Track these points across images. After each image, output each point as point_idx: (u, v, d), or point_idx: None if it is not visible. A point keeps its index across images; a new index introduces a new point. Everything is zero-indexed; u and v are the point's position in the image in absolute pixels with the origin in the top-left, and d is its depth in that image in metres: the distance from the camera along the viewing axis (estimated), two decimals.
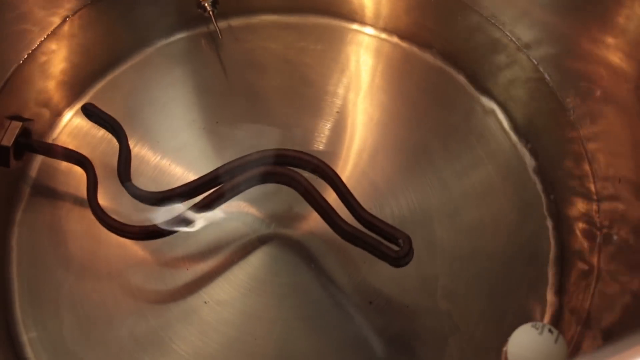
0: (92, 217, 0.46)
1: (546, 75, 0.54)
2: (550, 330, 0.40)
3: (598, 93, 0.49)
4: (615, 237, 0.46)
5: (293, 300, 0.46)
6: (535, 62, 0.54)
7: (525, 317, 0.45)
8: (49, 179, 0.51)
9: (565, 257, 0.48)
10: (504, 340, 0.42)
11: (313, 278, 0.47)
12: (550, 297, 0.47)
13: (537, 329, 0.40)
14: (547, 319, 0.46)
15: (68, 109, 0.54)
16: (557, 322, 0.46)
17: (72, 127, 0.53)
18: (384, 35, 0.57)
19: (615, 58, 0.45)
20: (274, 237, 0.48)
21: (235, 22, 0.58)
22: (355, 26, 0.58)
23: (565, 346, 0.40)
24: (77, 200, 0.50)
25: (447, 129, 0.53)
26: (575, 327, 0.46)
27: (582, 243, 0.48)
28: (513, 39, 0.56)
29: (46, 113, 0.53)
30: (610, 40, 0.47)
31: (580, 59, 0.51)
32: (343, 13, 0.58)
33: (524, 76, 0.55)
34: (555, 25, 0.53)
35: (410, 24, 0.58)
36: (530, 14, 0.54)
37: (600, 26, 0.47)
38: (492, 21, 0.56)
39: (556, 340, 0.40)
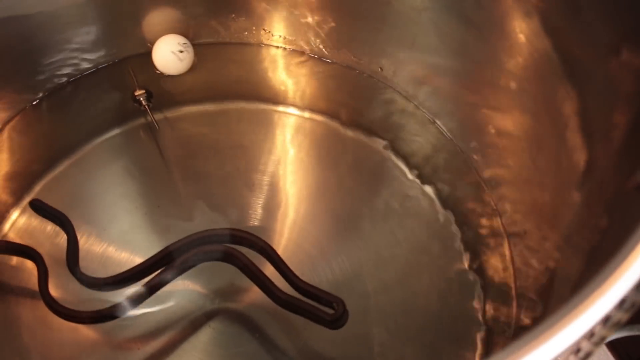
0: (43, 306, 0.48)
1: (456, 142, 0.60)
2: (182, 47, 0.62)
3: (502, 157, 0.54)
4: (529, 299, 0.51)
5: None
6: (445, 130, 0.60)
7: None
8: (0, 275, 0.53)
9: (487, 314, 0.51)
10: None
11: (258, 347, 0.49)
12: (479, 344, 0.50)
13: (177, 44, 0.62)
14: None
15: (15, 206, 0.56)
16: None
17: (20, 222, 0.55)
18: (307, 114, 0.63)
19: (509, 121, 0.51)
20: (218, 311, 0.51)
21: (170, 113, 0.62)
22: (280, 108, 0.63)
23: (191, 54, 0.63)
24: (28, 293, 0.51)
25: (372, 196, 0.57)
26: None
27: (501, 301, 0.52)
28: (423, 110, 0.61)
29: None
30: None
31: (482, 130, 0.56)
32: (268, 97, 0.63)
33: (436, 143, 0.60)
34: (461, 97, 0.58)
35: (331, 103, 0.63)
36: (439, 88, 0.60)
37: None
38: (404, 95, 0.63)
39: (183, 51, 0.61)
